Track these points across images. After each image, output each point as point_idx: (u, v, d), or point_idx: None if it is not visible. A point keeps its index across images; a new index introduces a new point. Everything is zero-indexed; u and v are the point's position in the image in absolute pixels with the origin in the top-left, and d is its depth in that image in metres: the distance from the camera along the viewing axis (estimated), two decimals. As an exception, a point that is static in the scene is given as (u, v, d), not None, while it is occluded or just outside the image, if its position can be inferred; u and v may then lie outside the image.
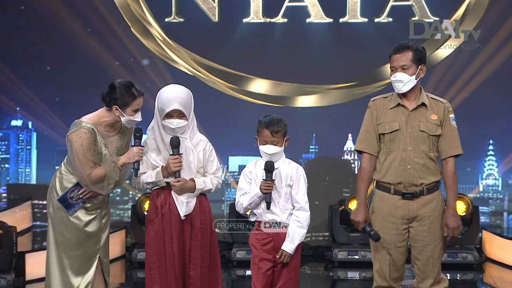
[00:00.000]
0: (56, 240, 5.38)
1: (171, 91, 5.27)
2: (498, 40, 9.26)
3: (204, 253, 5.32)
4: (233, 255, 8.45)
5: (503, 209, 9.53)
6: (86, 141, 5.21)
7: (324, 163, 9.59)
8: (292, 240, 5.20)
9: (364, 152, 5.28)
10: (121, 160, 5.28)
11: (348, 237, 8.63)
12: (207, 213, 5.38)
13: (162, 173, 5.25)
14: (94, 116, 5.34)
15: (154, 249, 5.30)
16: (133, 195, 9.56)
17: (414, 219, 5.17)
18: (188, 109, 5.28)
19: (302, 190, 5.28)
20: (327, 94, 9.51)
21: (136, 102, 5.30)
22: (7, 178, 9.77)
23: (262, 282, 5.23)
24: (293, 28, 9.50)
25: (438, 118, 5.18)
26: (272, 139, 5.23)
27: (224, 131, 9.47)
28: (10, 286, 7.32)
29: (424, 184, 5.15)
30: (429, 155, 5.17)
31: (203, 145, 5.37)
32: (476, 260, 8.39)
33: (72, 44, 9.47)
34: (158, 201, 5.31)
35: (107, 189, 5.33)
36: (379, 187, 5.25)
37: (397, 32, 9.18)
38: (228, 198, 9.48)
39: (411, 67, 5.14)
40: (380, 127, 5.23)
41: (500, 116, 9.39)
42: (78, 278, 5.36)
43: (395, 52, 5.17)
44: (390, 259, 5.21)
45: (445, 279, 5.29)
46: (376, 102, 5.31)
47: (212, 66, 9.49)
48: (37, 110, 9.59)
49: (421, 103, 5.19)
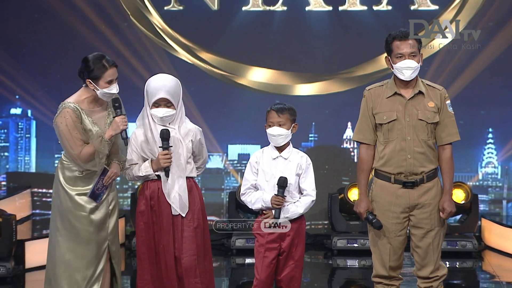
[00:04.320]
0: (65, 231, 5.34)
1: (158, 80, 5.25)
2: (498, 28, 9.24)
3: (198, 242, 5.31)
4: (233, 244, 8.45)
5: (502, 197, 9.53)
6: (70, 120, 5.19)
7: (323, 152, 9.59)
8: (286, 211, 5.24)
9: (362, 143, 5.30)
10: (108, 133, 5.27)
11: (347, 226, 8.64)
12: (197, 202, 5.35)
13: (152, 167, 5.26)
14: (75, 95, 5.33)
15: (143, 240, 5.31)
16: (132, 184, 9.55)
17: (415, 207, 5.19)
18: (176, 98, 5.25)
19: (311, 178, 5.35)
20: (326, 82, 9.50)
21: (107, 73, 5.24)
22: (6, 167, 9.77)
23: (267, 271, 5.26)
24: (292, 16, 9.48)
25: (435, 105, 5.18)
26: (278, 120, 5.25)
27: (223, 120, 9.46)
28: (9, 274, 7.33)
29: (424, 172, 5.16)
30: (428, 143, 5.18)
31: (191, 135, 5.35)
32: (475, 248, 8.40)
33: (71, 32, 9.44)
34: (148, 193, 5.31)
35: (99, 165, 5.30)
36: (379, 176, 5.26)
37: (397, 20, 9.16)
38: (227, 187, 9.48)
39: (417, 55, 5.16)
40: (377, 117, 5.23)
41: (500, 104, 9.39)
42: (89, 269, 5.33)
43: (401, 38, 5.14)
44: (390, 248, 5.22)
45: (444, 266, 5.31)
46: (371, 91, 5.31)
47: (211, 55, 9.48)
48: (37, 98, 9.58)
49: (418, 91, 5.19)
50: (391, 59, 5.19)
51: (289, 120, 5.28)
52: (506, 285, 7.41)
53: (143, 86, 5.34)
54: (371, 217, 5.22)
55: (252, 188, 5.35)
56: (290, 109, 5.31)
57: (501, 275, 7.72)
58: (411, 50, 5.13)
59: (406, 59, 5.13)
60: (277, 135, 5.27)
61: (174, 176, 5.26)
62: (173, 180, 5.26)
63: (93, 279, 5.34)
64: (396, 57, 5.16)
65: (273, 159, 5.32)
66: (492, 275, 7.85)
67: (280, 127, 5.26)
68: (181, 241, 5.27)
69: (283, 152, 5.32)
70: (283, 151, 5.33)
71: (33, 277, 7.52)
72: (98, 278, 5.35)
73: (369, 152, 5.28)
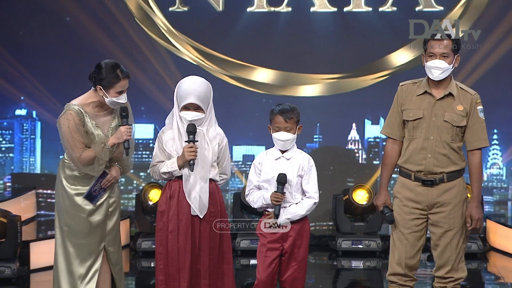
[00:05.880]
0: (61, 229, 5.39)
1: (189, 84, 5.25)
2: (503, 29, 9.24)
3: (213, 245, 5.30)
4: (237, 245, 8.45)
5: (507, 199, 9.52)
6: (72, 122, 5.21)
7: (328, 153, 9.58)
8: (287, 212, 5.24)
9: (389, 137, 5.33)
10: (110, 141, 5.28)
11: (352, 227, 8.63)
12: (218, 205, 5.34)
13: (177, 163, 5.25)
14: (81, 97, 5.34)
15: (160, 240, 5.31)
16: (137, 185, 9.57)
17: (434, 206, 5.20)
18: (206, 103, 5.26)
19: (313, 180, 5.34)
20: (331, 83, 9.49)
21: (120, 84, 5.26)
22: (11, 168, 9.78)
23: (267, 271, 5.25)
24: (297, 17, 9.48)
25: (464, 109, 5.18)
26: (286, 125, 5.25)
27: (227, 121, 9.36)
28: (14, 275, 7.33)
29: (444, 172, 5.16)
30: (451, 145, 5.17)
31: (219, 139, 5.35)
32: (480, 249, 8.39)
33: (76, 33, 9.46)
34: (169, 192, 5.31)
35: (98, 171, 5.31)
36: (401, 173, 5.29)
37: (401, 21, 9.16)
38: (232, 188, 9.48)
39: (450, 56, 5.15)
40: (404, 113, 5.25)
41: (504, 105, 9.37)
42: (83, 267, 5.36)
43: (436, 38, 5.16)
44: (407, 243, 5.22)
45: (464, 269, 5.28)
46: (403, 87, 5.33)
47: (215, 56, 9.49)
48: (42, 100, 9.59)
49: (448, 92, 5.19)
50: (425, 57, 5.21)
51: (295, 124, 5.29)
52: (511, 286, 7.40)
53: (148, 88, 5.34)
54: (386, 210, 5.25)
55: (256, 189, 5.36)
56: (296, 111, 5.29)
57: (506, 277, 7.71)
58: (443, 51, 5.13)
59: (437, 59, 5.14)
60: (285, 140, 5.27)
61: (197, 177, 5.24)
62: (195, 180, 5.24)
63: (87, 278, 5.36)
64: (428, 56, 5.18)
65: (275, 160, 5.32)
66: (497, 276, 7.84)
67: (287, 132, 5.26)
68: (198, 243, 5.27)
69: (285, 153, 5.32)
70: (286, 152, 5.33)
71: (38, 278, 7.53)
72: (92, 277, 5.36)
73: (394, 147, 5.30)
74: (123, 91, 5.29)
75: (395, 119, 5.31)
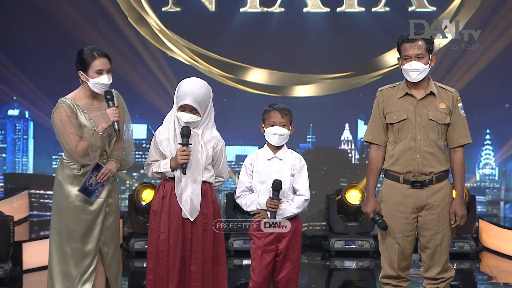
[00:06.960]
0: (59, 230, 5.36)
1: (189, 85, 5.24)
2: (495, 30, 9.25)
3: (206, 247, 5.28)
4: (230, 245, 8.45)
5: (500, 199, 9.54)
6: (64, 115, 5.23)
7: (321, 153, 9.59)
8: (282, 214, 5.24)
9: (372, 143, 5.31)
10: (100, 126, 5.27)
11: (345, 227, 8.64)
12: (210, 207, 5.32)
13: (170, 164, 5.24)
14: (73, 92, 5.38)
15: (152, 240, 5.30)
16: (130, 185, 9.56)
17: (423, 208, 5.19)
18: (203, 106, 5.26)
19: (304, 178, 5.35)
20: (324, 83, 9.50)
21: (96, 63, 5.25)
22: (4, 168, 9.76)
23: (264, 273, 5.26)
24: (290, 17, 9.48)
25: (446, 107, 5.20)
26: (281, 120, 5.28)
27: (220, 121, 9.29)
28: (7, 275, 7.31)
29: (433, 172, 5.16)
30: (438, 144, 5.18)
31: (214, 142, 5.34)
32: (472, 249, 8.41)
33: (69, 33, 9.44)
34: (162, 192, 5.31)
35: (94, 157, 5.30)
36: (388, 176, 5.27)
37: (394, 21, 9.18)
38: (225, 188, 9.47)
39: (425, 56, 5.15)
40: (387, 116, 5.24)
41: (497, 106, 9.40)
42: (80, 268, 5.34)
43: (408, 41, 5.16)
44: (399, 248, 5.22)
45: (452, 268, 5.30)
46: (383, 92, 5.34)
47: (208, 56, 9.49)
48: (34, 100, 9.57)
49: (429, 92, 5.21)
50: (401, 61, 5.21)
51: (289, 122, 5.31)
52: (504, 286, 7.42)
53: (141, 88, 5.34)
54: (377, 217, 5.22)
55: (247, 191, 5.35)
56: (290, 111, 5.35)
57: (499, 276, 7.72)
58: (417, 52, 5.13)
59: (412, 61, 5.14)
60: (280, 134, 5.28)
61: (189, 180, 5.23)
62: (187, 183, 5.23)
63: (83, 278, 5.34)
64: (403, 59, 5.19)
65: (268, 160, 5.32)
66: (489, 276, 7.86)
67: (283, 127, 5.28)
68: (189, 244, 5.27)
69: (278, 153, 5.33)
70: (278, 152, 5.33)
71: (31, 278, 7.52)
72: (89, 277, 5.35)
73: (379, 152, 5.29)
74: (103, 71, 5.28)
75: (377, 125, 5.30)
